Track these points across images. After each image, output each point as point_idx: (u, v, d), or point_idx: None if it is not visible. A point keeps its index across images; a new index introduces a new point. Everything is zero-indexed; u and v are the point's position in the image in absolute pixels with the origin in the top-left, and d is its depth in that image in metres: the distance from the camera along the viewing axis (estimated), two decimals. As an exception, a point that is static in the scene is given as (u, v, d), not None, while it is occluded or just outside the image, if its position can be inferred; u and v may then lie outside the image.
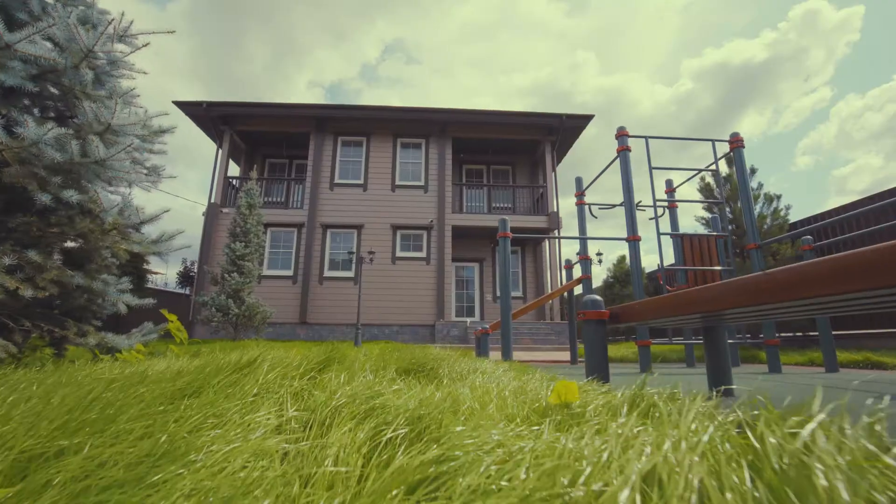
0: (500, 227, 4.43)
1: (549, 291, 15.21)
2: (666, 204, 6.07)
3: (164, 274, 24.07)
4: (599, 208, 6.23)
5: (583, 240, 5.88)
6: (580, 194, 6.05)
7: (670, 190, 6.29)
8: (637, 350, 7.92)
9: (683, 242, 6.04)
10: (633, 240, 4.41)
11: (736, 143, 4.87)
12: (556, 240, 12.87)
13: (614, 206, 6.15)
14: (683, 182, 5.63)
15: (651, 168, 4.75)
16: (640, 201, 6.24)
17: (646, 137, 4.86)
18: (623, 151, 4.71)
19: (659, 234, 4.57)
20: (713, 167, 4.99)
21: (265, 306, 9.34)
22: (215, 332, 8.97)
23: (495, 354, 6.64)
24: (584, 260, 5.82)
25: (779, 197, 7.81)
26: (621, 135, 4.75)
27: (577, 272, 7.09)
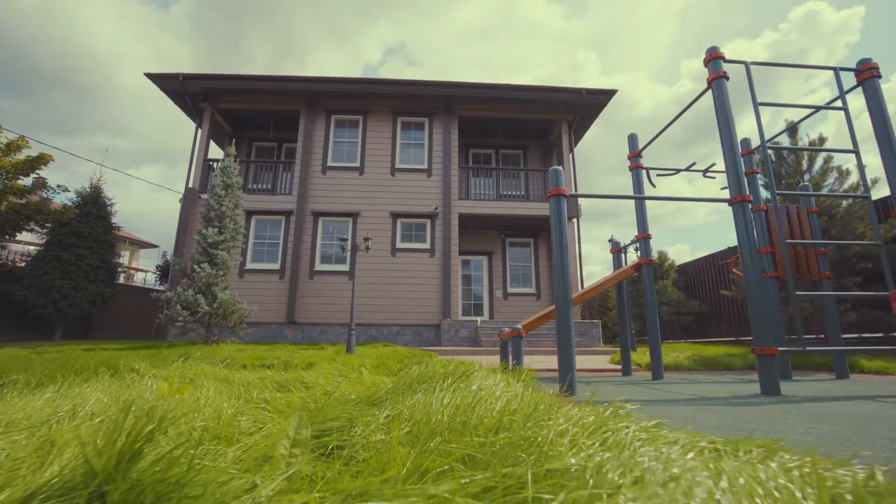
0: (552, 182, 3.05)
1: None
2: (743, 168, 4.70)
3: (151, 272, 22.72)
4: (658, 174, 4.86)
5: (638, 205, 4.50)
6: (635, 155, 4.67)
7: (748, 151, 4.92)
8: (691, 355, 6.57)
9: (768, 217, 4.68)
10: (741, 201, 3.04)
11: (868, 72, 3.52)
12: (575, 230, 11.51)
13: (678, 171, 4.77)
14: (777, 134, 4.26)
15: (756, 104, 3.37)
16: (693, 163, 4.88)
17: (746, 63, 3.49)
18: (717, 80, 3.34)
19: (774, 192, 3.19)
20: (838, 104, 3.61)
21: (244, 303, 7.95)
22: (183, 333, 7.59)
23: (529, 361, 5.26)
24: (644, 239, 4.44)
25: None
26: (714, 57, 3.37)
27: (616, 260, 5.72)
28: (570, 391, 2.62)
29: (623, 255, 5.18)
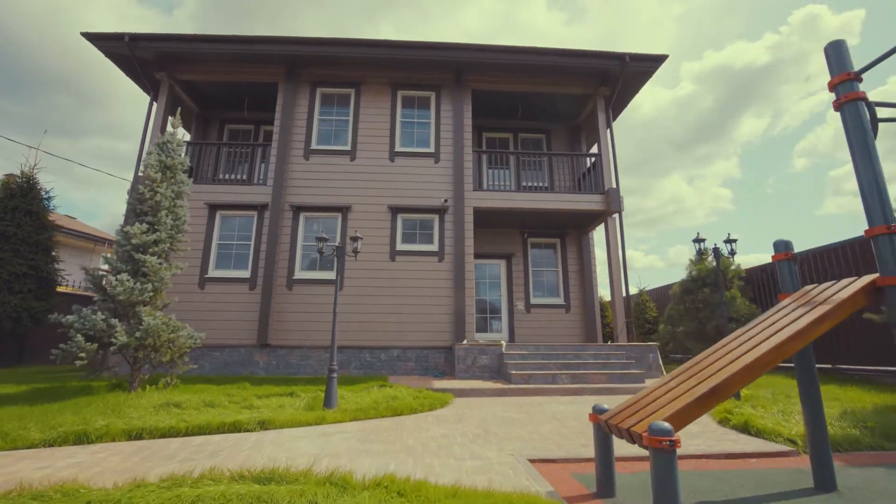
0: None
1: (601, 296, 11.67)
2: None
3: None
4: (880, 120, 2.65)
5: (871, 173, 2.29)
6: (850, 79, 2.47)
7: None
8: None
9: None
10: None
11: None
12: (617, 226, 9.30)
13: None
14: None
15: None
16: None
17: None
18: None
19: None
20: None
21: (185, 329, 5.72)
22: (92, 371, 5.35)
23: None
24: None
25: None
26: None
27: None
28: None
29: (793, 262, 2.97)
